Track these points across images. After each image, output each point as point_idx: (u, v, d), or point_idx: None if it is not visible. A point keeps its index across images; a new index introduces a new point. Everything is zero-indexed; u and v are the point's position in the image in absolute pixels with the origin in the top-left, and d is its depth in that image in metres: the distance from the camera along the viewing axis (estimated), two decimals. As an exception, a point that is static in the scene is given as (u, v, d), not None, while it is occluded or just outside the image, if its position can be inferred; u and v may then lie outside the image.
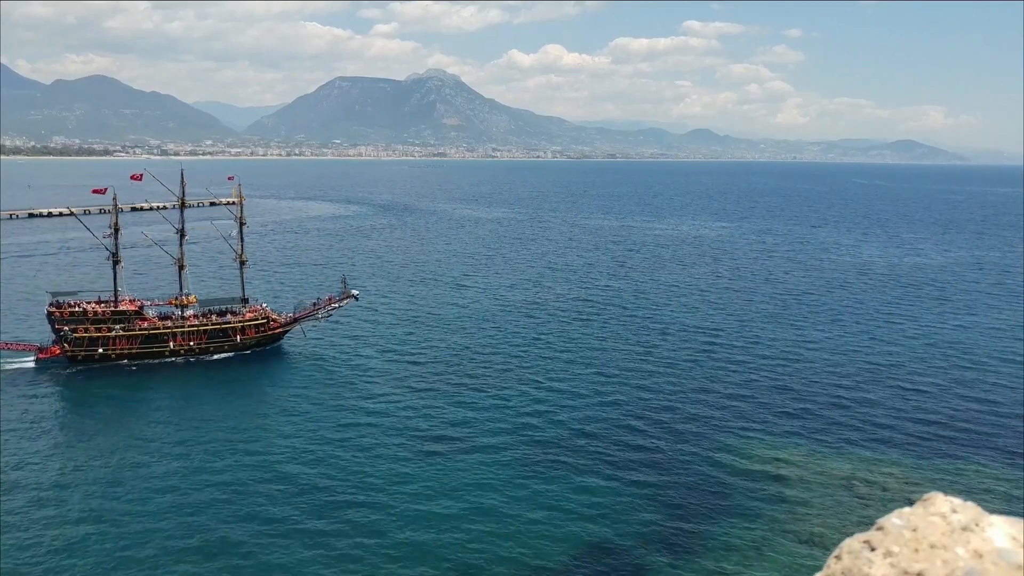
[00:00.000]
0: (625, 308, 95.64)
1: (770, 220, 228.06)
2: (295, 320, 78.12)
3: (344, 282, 79.96)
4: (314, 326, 79.50)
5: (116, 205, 77.42)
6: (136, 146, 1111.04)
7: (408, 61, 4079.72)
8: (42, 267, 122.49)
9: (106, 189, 77.05)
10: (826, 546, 37.00)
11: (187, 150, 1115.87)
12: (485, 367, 69.64)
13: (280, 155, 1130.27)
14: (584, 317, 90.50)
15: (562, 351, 75.26)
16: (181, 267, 77.72)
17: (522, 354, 74.05)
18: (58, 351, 70.02)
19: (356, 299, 79.86)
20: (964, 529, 2.54)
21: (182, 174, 77.47)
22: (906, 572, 2.45)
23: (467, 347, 76.43)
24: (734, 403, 60.18)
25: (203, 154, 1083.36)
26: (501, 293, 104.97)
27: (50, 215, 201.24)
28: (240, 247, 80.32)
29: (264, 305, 79.79)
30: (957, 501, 2.67)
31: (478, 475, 46.64)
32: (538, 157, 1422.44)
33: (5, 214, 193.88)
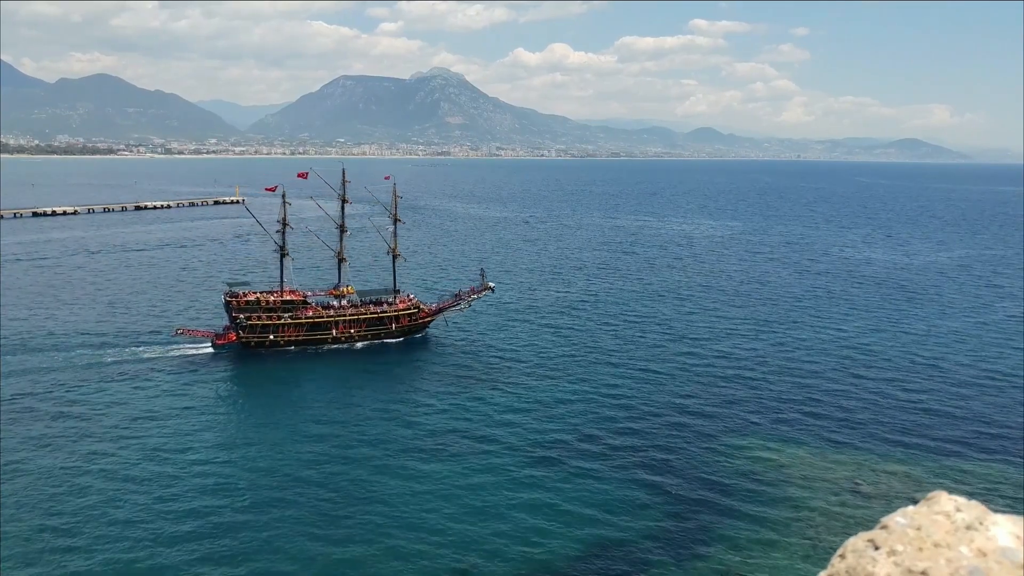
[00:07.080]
0: (628, 307, 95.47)
1: (771, 219, 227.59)
2: (440, 310, 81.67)
3: (483, 274, 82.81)
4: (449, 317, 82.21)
5: (284, 201, 79.06)
6: (140, 144, 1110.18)
7: (413, 60, 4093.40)
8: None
9: (276, 187, 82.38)
10: (830, 545, 36.86)
11: (191, 149, 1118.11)
12: (494, 367, 69.60)
13: (284, 154, 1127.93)
14: (584, 317, 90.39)
15: (562, 351, 75.17)
16: (341, 260, 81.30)
17: (518, 355, 73.95)
18: (233, 337, 73.46)
19: (492, 291, 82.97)
20: (968, 528, 2.54)
21: (343, 173, 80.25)
22: (910, 571, 2.45)
23: (457, 348, 76.36)
24: (737, 404, 60.05)
25: (207, 153, 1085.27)
26: (506, 294, 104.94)
27: (54, 213, 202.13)
28: (394, 242, 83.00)
29: (412, 296, 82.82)
30: (961, 500, 2.66)
31: (477, 476, 46.60)
32: (542, 156, 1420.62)
33: (8, 212, 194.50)
